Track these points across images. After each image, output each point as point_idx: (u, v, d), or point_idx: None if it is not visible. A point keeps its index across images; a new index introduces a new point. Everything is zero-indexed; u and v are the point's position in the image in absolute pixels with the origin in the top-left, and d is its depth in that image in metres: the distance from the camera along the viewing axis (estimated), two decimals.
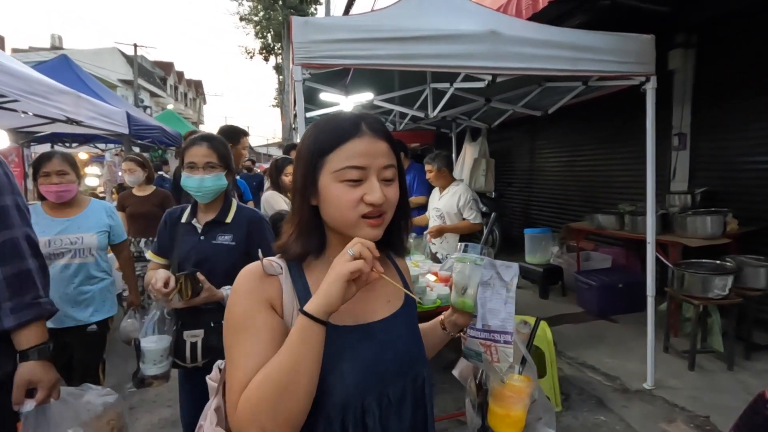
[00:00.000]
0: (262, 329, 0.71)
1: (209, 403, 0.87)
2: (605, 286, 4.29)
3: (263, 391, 0.64)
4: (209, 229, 1.66)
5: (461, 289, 0.83)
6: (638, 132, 3.02)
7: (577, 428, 2.55)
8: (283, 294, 0.75)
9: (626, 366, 3.23)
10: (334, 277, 0.66)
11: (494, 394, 0.82)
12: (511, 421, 0.81)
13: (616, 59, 2.63)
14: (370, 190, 0.73)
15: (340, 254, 0.68)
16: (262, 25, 18.64)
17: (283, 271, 0.77)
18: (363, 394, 0.74)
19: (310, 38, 2.26)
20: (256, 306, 0.73)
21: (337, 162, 0.73)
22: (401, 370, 0.79)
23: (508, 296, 0.81)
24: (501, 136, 7.09)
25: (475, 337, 0.82)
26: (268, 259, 0.78)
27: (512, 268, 0.83)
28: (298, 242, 0.78)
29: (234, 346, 0.71)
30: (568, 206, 6.12)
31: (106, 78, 17.82)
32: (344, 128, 0.75)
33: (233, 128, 2.91)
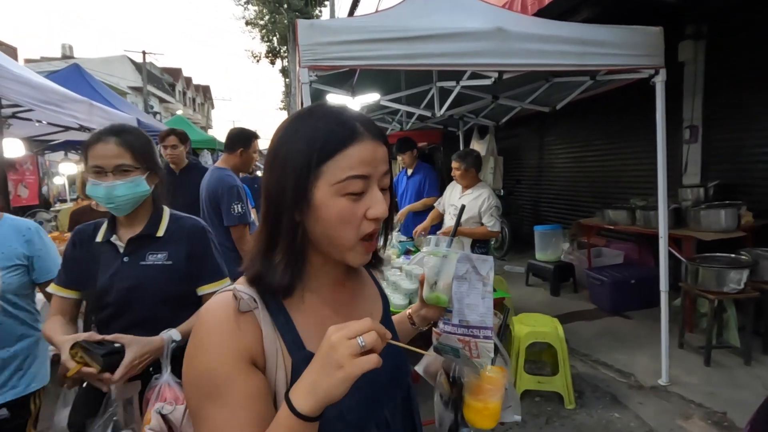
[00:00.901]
0: (241, 400, 0.57)
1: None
2: (617, 282, 4.25)
3: None
4: (135, 248, 1.30)
5: (433, 283, 0.81)
6: (648, 125, 2.98)
7: (591, 426, 2.53)
8: (263, 336, 0.61)
9: (640, 362, 3.20)
10: (342, 377, 0.51)
11: (471, 388, 0.80)
12: (489, 413, 0.80)
13: (624, 52, 2.61)
14: (374, 203, 0.63)
15: (343, 341, 0.52)
16: (268, 29, 18.74)
17: (258, 305, 0.62)
18: (363, 424, 0.67)
19: (316, 40, 2.27)
20: (232, 366, 0.58)
21: (338, 172, 0.60)
22: (392, 385, 0.73)
23: (486, 290, 0.78)
24: (509, 133, 7.06)
25: (452, 332, 0.80)
26: (236, 289, 0.63)
27: (488, 262, 0.80)
28: (287, 271, 0.63)
29: (202, 419, 0.58)
30: (578, 202, 6.07)
31: (116, 85, 18.11)
32: (342, 131, 0.62)
33: (244, 131, 2.87)
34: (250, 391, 0.58)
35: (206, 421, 0.57)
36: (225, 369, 0.57)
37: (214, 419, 0.57)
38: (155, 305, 1.27)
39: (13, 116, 3.53)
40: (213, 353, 0.58)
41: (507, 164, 6.23)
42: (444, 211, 3.56)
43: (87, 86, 5.39)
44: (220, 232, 2.71)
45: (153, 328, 1.22)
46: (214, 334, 0.59)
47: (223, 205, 2.64)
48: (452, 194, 3.46)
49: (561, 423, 2.56)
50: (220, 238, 2.74)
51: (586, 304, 4.53)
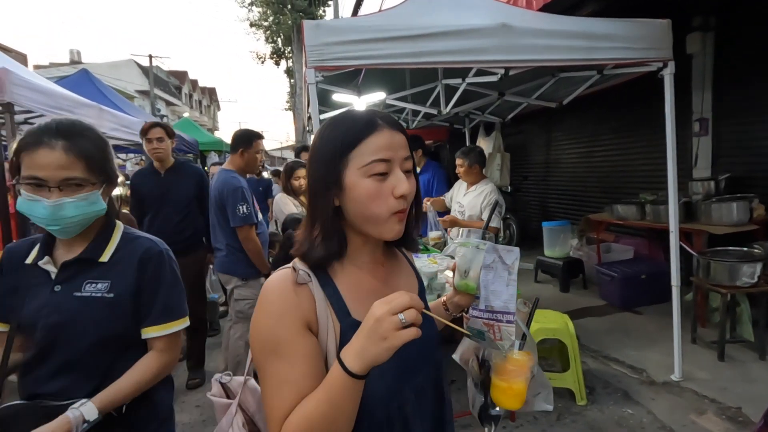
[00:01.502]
0: (299, 356, 0.69)
1: (226, 421, 0.89)
2: (628, 278, 4.22)
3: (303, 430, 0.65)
4: (70, 274, 1.05)
5: (463, 272, 0.87)
6: (657, 119, 2.96)
7: (603, 422, 2.52)
8: (317, 305, 0.72)
9: (652, 358, 3.17)
10: (385, 349, 0.61)
11: (497, 369, 0.86)
12: (512, 393, 0.85)
13: (632, 46, 2.59)
14: (398, 182, 0.73)
15: (386, 317, 0.61)
16: (272, 30, 18.82)
17: (312, 279, 0.74)
18: (401, 389, 0.77)
19: (321, 41, 2.29)
20: (292, 329, 0.70)
21: (363, 157, 0.72)
22: (424, 357, 0.82)
23: (510, 279, 0.84)
24: (515, 129, 7.03)
25: (478, 317, 0.86)
26: (295, 264, 0.75)
27: (513, 252, 0.85)
28: (323, 245, 0.75)
29: (268, 371, 0.70)
30: (586, 198, 6.03)
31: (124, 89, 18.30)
32: (362, 124, 0.74)
33: (245, 132, 2.90)
34: (306, 351, 0.69)
35: (270, 373, 0.69)
36: (286, 332, 0.69)
37: (278, 372, 0.68)
38: (89, 348, 1.02)
39: (25, 122, 3.58)
40: (275, 319, 0.70)
41: (514, 161, 6.19)
42: (449, 206, 3.56)
43: (96, 91, 5.46)
44: (227, 233, 2.75)
45: (86, 375, 1.02)
46: (277, 303, 0.71)
47: (229, 206, 2.67)
48: (459, 191, 3.47)
49: (572, 419, 2.55)
50: (227, 239, 2.77)
51: (596, 300, 4.50)
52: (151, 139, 2.92)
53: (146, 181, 3.06)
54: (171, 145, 3.04)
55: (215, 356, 3.51)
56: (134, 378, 1.06)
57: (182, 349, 2.87)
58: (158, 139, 2.94)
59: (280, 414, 0.67)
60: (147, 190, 3.03)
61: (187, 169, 3.16)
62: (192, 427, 2.74)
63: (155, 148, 2.95)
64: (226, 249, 2.79)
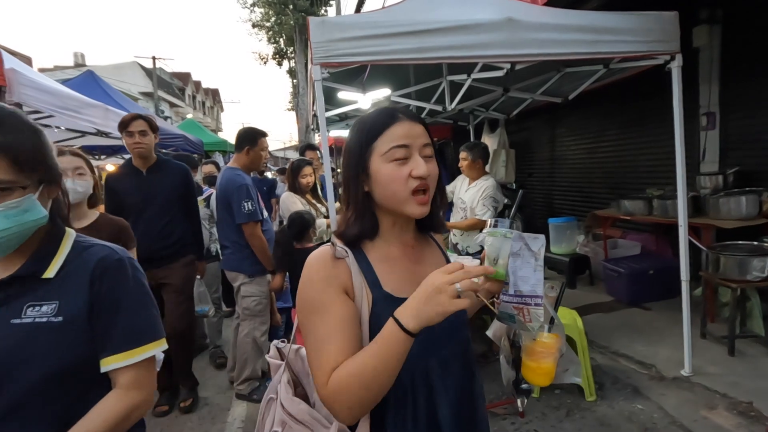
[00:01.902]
0: (340, 317, 0.78)
1: (276, 377, 0.98)
2: (635, 273, 4.19)
3: (352, 383, 0.73)
4: (7, 297, 0.84)
5: (493, 260, 0.91)
6: (663, 113, 2.94)
7: (613, 417, 2.51)
8: (352, 277, 0.82)
9: (661, 353, 3.15)
10: (439, 314, 0.69)
11: (527, 350, 0.91)
12: (542, 372, 0.91)
13: (639, 39, 2.57)
14: (416, 165, 0.82)
15: (445, 286, 0.69)
16: (274, 31, 18.83)
17: (349, 255, 0.84)
18: (426, 359, 0.84)
19: (327, 37, 2.29)
20: (332, 292, 0.80)
21: (384, 145, 0.83)
22: (451, 335, 0.89)
23: (537, 264, 0.88)
24: (520, 125, 6.99)
25: (509, 302, 0.90)
26: (334, 241, 0.86)
27: (539, 239, 0.90)
28: (356, 225, 0.86)
29: (312, 328, 0.79)
30: (592, 194, 5.99)
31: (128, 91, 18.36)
32: (384, 117, 0.85)
33: (250, 130, 2.92)
34: (345, 312, 0.79)
35: (315, 332, 0.78)
36: (326, 295, 0.79)
37: (321, 330, 0.78)
38: (36, 388, 0.81)
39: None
40: (317, 284, 0.80)
41: (519, 157, 6.16)
42: (451, 199, 3.56)
43: (101, 92, 5.48)
44: (233, 230, 2.77)
45: (38, 424, 0.81)
46: (318, 271, 0.81)
47: (234, 203, 2.69)
48: (461, 187, 3.47)
49: (581, 415, 2.54)
50: (233, 236, 2.78)
51: (603, 296, 4.48)
52: (133, 133, 2.58)
53: (126, 182, 2.68)
54: (154, 141, 2.69)
55: (209, 374, 3.35)
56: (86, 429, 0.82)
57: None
58: (141, 133, 2.59)
59: (327, 367, 0.75)
60: (127, 191, 2.66)
61: (172, 166, 2.80)
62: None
63: (137, 144, 2.58)
64: (233, 246, 2.81)
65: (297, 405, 0.88)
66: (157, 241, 2.64)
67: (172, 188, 2.74)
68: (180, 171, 2.81)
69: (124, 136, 2.61)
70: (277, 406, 0.91)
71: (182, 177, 2.81)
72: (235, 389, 2.92)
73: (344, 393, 0.73)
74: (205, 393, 3.08)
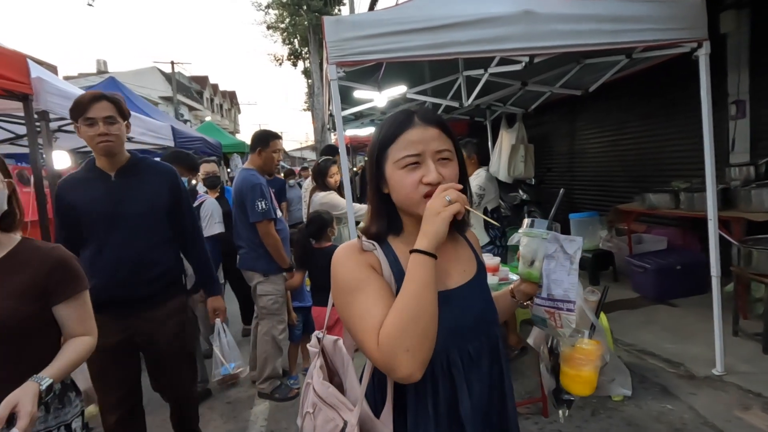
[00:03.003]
0: (375, 286, 0.82)
1: (313, 364, 1.02)
2: (662, 269, 4.07)
3: (400, 318, 0.75)
4: None
5: (528, 261, 0.90)
6: (689, 103, 2.84)
7: (641, 417, 2.44)
8: (382, 266, 0.87)
9: (691, 352, 3.05)
10: (440, 221, 0.77)
11: (565, 357, 0.89)
12: (581, 380, 0.88)
13: (663, 27, 2.48)
14: (427, 172, 0.83)
15: (437, 200, 0.78)
16: (289, 32, 18.98)
17: (377, 248, 0.88)
18: (447, 350, 0.85)
19: (342, 36, 2.28)
20: (364, 270, 0.84)
21: (396, 153, 0.85)
22: (477, 330, 0.90)
23: (572, 268, 0.86)
24: (539, 120, 6.87)
25: (541, 305, 0.89)
26: (360, 236, 0.91)
27: (576, 242, 0.87)
28: (374, 224, 0.91)
29: (352, 304, 0.82)
30: (614, 188, 5.85)
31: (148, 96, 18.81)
32: (399, 122, 0.87)
33: (263, 132, 2.99)
34: (380, 285, 0.83)
35: (355, 304, 0.81)
36: (361, 273, 0.84)
37: (364, 301, 0.81)
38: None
39: (59, 130, 3.72)
40: (350, 265, 0.85)
41: (538, 152, 6.05)
42: None
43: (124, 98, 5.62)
44: (248, 229, 2.83)
45: None
46: (348, 256, 0.86)
47: (248, 202, 2.75)
48: None
49: (608, 415, 2.48)
50: (248, 235, 2.82)
51: (628, 293, 4.36)
52: (95, 120, 1.72)
53: (86, 191, 1.82)
54: (126, 132, 1.85)
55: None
56: None
57: None
58: (106, 120, 1.73)
59: (374, 326, 0.78)
60: (88, 204, 1.80)
61: (152, 168, 1.94)
62: None
63: (102, 136, 1.73)
64: (247, 246, 2.87)
65: (326, 389, 0.93)
66: (134, 274, 1.81)
67: (153, 199, 1.87)
68: (165, 174, 1.95)
69: (81, 125, 1.73)
70: (310, 390, 0.97)
71: (168, 183, 1.93)
72: (257, 388, 2.96)
73: (395, 338, 0.74)
74: (228, 391, 3.13)
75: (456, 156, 0.88)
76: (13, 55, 2.28)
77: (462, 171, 0.89)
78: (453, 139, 0.88)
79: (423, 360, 0.76)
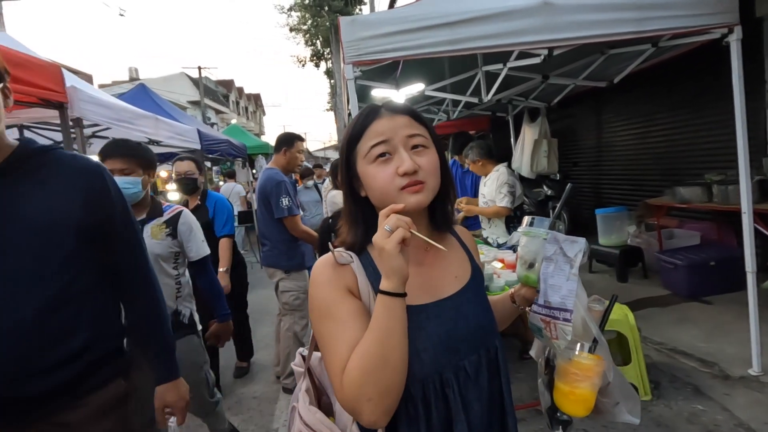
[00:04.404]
0: (347, 314, 0.75)
1: (299, 386, 0.94)
2: (695, 265, 3.91)
3: (362, 365, 0.69)
4: None
5: (526, 263, 0.82)
6: (722, 91, 2.71)
7: (671, 418, 2.36)
8: (358, 280, 0.79)
9: (725, 351, 2.92)
10: (388, 256, 0.70)
11: (559, 371, 0.80)
12: (575, 398, 0.78)
13: (691, 12, 2.38)
14: (401, 161, 0.76)
15: (378, 233, 0.71)
16: (311, 33, 19.20)
17: (353, 260, 0.81)
18: (440, 369, 0.77)
19: (358, 36, 2.30)
20: (337, 293, 0.77)
21: (364, 146, 0.79)
22: (474, 343, 0.81)
23: (571, 273, 0.77)
24: (562, 113, 6.71)
25: (537, 312, 0.81)
26: (338, 250, 0.82)
27: (578, 244, 0.78)
28: (350, 232, 0.84)
29: (324, 334, 0.77)
30: (643, 182, 5.65)
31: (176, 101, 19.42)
32: (365, 116, 0.81)
33: (287, 134, 3.13)
34: (352, 309, 0.76)
35: (325, 334, 0.76)
36: (331, 296, 0.77)
37: (331, 331, 0.75)
38: None
39: (93, 136, 3.91)
40: (322, 287, 0.78)
41: (562, 146, 5.92)
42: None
43: (152, 103, 5.83)
44: (271, 227, 2.93)
45: None
46: (322, 274, 0.79)
47: (272, 199, 2.84)
48: (482, 184, 3.50)
49: None
50: (271, 233, 2.91)
51: (658, 290, 4.22)
52: None
53: None
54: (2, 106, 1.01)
55: (257, 368, 3.49)
56: None
57: None
58: None
59: (339, 365, 0.72)
60: None
61: (57, 164, 1.09)
62: None
63: None
64: (270, 242, 2.98)
65: (313, 414, 0.85)
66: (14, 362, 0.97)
67: (56, 216, 1.03)
68: (80, 176, 1.10)
69: None
70: (296, 415, 0.89)
71: (85, 189, 1.10)
72: (282, 383, 3.03)
73: (356, 386, 0.69)
74: (254, 386, 3.21)
75: (433, 144, 0.81)
76: (49, 66, 2.40)
77: (443, 161, 0.82)
78: (427, 126, 0.82)
79: (387, 408, 0.70)
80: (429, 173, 0.78)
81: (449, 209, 0.88)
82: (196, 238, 1.98)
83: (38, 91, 2.28)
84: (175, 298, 1.89)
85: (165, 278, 1.81)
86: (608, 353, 0.80)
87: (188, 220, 1.98)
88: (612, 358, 0.81)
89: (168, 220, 1.91)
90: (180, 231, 1.92)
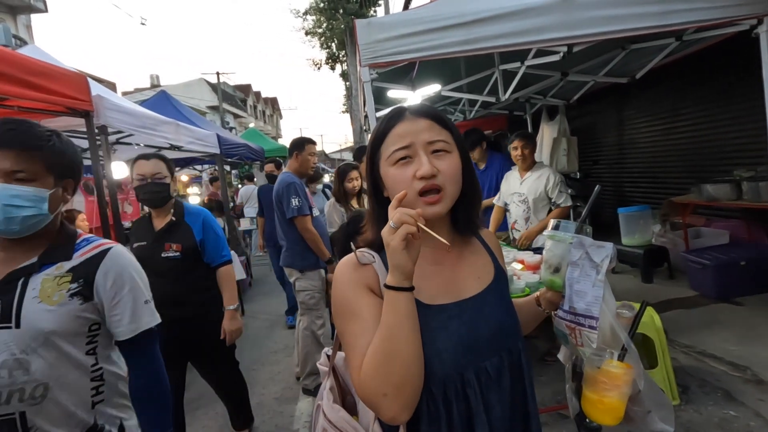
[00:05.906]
0: (366, 312, 0.76)
1: (323, 384, 0.96)
2: (724, 265, 3.78)
3: (373, 361, 0.71)
4: None
5: (552, 267, 0.80)
6: (751, 85, 2.61)
7: (701, 423, 2.28)
8: (380, 279, 0.79)
9: (758, 354, 2.81)
10: (392, 252, 0.71)
11: (587, 379, 0.78)
12: (604, 407, 0.76)
13: (717, 4, 2.31)
14: (420, 165, 0.77)
15: (385, 228, 0.72)
16: (326, 36, 19.34)
17: (375, 260, 0.82)
18: (461, 369, 0.77)
19: (374, 38, 2.30)
20: (357, 292, 0.79)
21: (386, 150, 0.81)
22: (496, 344, 0.81)
23: (597, 279, 0.75)
24: (582, 111, 6.59)
25: (562, 318, 0.79)
26: (360, 250, 0.84)
27: (605, 249, 0.76)
28: (373, 231, 0.84)
29: (345, 331, 0.78)
30: (667, 179, 5.49)
31: (196, 106, 19.84)
32: (389, 118, 0.83)
33: (299, 138, 3.21)
34: (372, 308, 0.76)
35: (347, 332, 0.77)
36: (353, 296, 0.78)
37: (352, 328, 0.77)
38: None
39: (117, 142, 4.02)
40: (343, 286, 0.80)
41: (581, 145, 5.79)
42: (505, 204, 3.36)
43: (173, 109, 5.97)
44: (285, 228, 2.99)
45: None
46: (344, 274, 0.81)
47: (284, 200, 2.91)
48: (513, 183, 3.26)
49: None
50: (286, 233, 2.96)
51: (685, 291, 4.09)
52: None
53: None
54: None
55: (278, 368, 3.62)
56: None
57: None
58: None
59: (358, 363, 0.73)
60: None
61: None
62: None
63: None
64: (286, 243, 3.04)
65: (336, 412, 0.86)
66: None
67: None
68: None
69: None
70: (321, 413, 0.90)
71: None
72: (301, 384, 3.05)
73: (371, 381, 0.71)
74: (273, 388, 3.24)
75: (457, 148, 0.82)
76: (75, 75, 2.48)
77: (467, 165, 0.83)
78: (451, 130, 0.82)
79: (405, 403, 0.70)
80: (448, 178, 0.78)
81: (473, 213, 0.88)
82: (133, 299, 1.14)
83: (65, 100, 2.36)
84: (91, 406, 1.08)
85: (71, 371, 1.04)
86: (638, 361, 0.78)
87: (119, 266, 1.13)
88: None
89: (77, 266, 1.08)
90: (99, 286, 1.09)
